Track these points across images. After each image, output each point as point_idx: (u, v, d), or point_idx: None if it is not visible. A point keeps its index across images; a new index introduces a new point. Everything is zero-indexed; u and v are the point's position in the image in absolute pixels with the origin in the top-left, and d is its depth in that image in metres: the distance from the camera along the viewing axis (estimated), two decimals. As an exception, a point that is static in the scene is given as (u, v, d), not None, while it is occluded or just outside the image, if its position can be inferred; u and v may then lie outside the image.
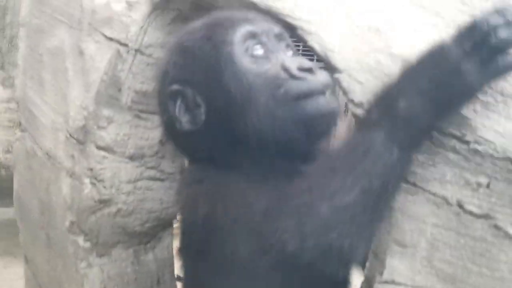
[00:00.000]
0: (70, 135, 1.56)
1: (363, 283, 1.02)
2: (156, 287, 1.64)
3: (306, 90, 1.00)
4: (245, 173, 1.01)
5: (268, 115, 1.00)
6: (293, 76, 1.00)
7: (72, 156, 1.55)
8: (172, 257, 1.70)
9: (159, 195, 1.61)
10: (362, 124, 0.94)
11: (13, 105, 3.78)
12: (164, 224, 1.65)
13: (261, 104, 1.00)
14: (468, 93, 0.88)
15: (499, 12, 0.84)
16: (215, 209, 0.99)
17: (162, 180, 1.61)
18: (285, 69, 1.01)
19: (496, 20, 0.84)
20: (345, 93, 1.01)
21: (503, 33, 0.83)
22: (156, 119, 1.56)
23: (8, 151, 4.27)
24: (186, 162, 1.45)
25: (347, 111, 1.09)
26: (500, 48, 0.84)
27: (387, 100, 0.91)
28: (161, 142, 1.58)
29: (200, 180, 1.06)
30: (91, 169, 1.50)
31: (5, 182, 3.05)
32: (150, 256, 1.63)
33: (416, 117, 0.87)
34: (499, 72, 0.86)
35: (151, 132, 1.56)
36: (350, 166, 0.88)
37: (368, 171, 0.86)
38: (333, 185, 0.88)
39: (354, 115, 1.01)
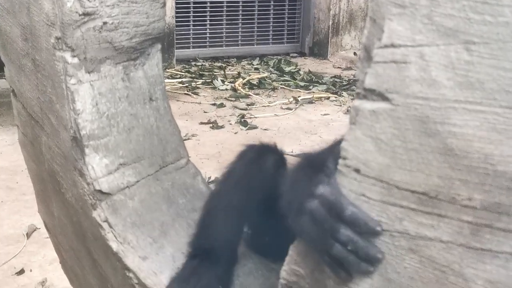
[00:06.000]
0: None
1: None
2: (148, 103, 1.63)
3: None
4: None
5: None
6: None
7: (51, -30, 1.48)
8: (162, 74, 1.68)
9: (145, 9, 1.57)
10: None
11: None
12: (152, 40, 1.62)
13: None
14: None
15: None
16: None
17: (146, -7, 1.56)
18: None
19: None
20: None
21: None
22: None
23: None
24: None
25: None
26: None
27: None
28: (141, -48, 1.51)
29: None
30: (72, -19, 1.45)
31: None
32: (140, 72, 1.61)
33: None
34: None
35: None
36: None
37: None
38: None
39: None
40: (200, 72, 8.22)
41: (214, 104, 6.81)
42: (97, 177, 1.53)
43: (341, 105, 6.97)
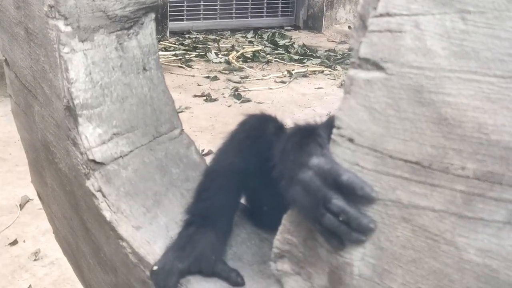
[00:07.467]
0: None
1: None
2: (142, 73, 1.63)
3: None
4: None
5: None
6: None
7: None
8: (156, 44, 1.67)
9: (139, -22, 1.55)
10: None
11: None
12: (146, 9, 1.60)
13: None
14: None
15: None
16: None
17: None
18: None
19: None
20: None
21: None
22: None
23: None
24: None
25: None
26: None
27: None
28: None
29: None
30: None
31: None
32: (133, 42, 1.60)
33: None
34: None
35: None
36: None
37: None
38: None
39: None
40: (194, 45, 8.18)
41: (207, 77, 6.79)
42: (90, 147, 1.53)
43: (335, 79, 6.96)
